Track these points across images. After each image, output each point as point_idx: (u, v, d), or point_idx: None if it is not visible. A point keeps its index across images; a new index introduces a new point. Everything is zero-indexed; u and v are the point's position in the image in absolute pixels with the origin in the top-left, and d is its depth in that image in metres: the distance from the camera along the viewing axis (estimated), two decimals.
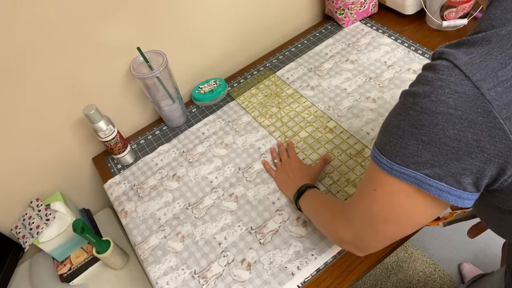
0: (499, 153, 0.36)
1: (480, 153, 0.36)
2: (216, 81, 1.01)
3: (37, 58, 0.76)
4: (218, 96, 0.99)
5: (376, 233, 0.48)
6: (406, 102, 0.40)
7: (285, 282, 0.68)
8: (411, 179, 0.40)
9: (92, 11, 0.76)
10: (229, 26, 1.01)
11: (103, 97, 0.90)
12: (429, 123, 0.37)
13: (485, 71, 0.35)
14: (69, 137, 0.92)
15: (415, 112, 0.38)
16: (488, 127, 0.35)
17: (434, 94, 0.37)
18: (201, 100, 1.00)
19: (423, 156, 0.39)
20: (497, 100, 0.34)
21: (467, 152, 0.36)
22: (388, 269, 1.33)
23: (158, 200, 0.84)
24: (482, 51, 0.36)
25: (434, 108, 0.37)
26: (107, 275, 0.90)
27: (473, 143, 0.36)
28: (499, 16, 0.37)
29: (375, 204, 0.46)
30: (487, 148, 0.36)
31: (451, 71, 0.36)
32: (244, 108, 0.97)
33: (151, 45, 0.87)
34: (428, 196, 0.41)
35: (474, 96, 0.35)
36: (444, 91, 0.36)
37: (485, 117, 0.35)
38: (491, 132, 0.35)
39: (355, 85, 0.95)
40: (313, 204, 0.67)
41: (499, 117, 0.34)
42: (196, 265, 0.73)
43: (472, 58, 0.36)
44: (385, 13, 1.12)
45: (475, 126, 0.35)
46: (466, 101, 0.35)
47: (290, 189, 0.75)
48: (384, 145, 0.43)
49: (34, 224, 0.87)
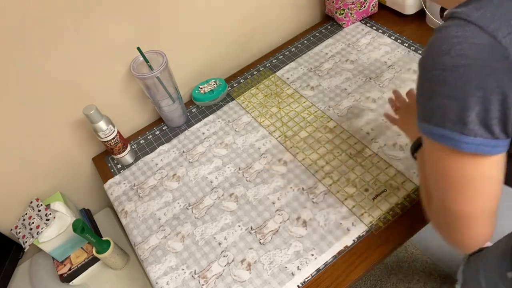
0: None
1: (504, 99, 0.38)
2: (216, 81, 1.01)
3: (37, 58, 0.76)
4: (218, 96, 0.99)
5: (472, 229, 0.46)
6: (426, 66, 0.41)
7: (285, 282, 0.68)
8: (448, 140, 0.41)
9: (92, 11, 0.76)
10: (229, 26, 1.00)
11: (103, 97, 0.90)
12: (453, 78, 0.39)
13: (498, 22, 0.37)
14: (69, 137, 0.92)
15: (437, 71, 0.40)
16: (507, 71, 0.37)
17: (453, 50, 0.38)
18: (201, 100, 1.00)
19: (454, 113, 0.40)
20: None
21: (492, 100, 0.38)
22: (388, 269, 1.33)
23: (158, 200, 0.84)
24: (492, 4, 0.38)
25: (455, 63, 0.38)
26: (107, 275, 0.90)
27: (496, 89, 0.37)
28: None
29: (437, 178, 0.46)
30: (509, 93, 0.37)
31: (465, 27, 0.38)
32: (244, 108, 0.97)
33: (151, 45, 0.87)
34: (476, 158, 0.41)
35: (491, 45, 0.37)
36: (462, 46, 0.38)
37: (504, 62, 0.37)
38: (510, 75, 0.37)
39: (355, 85, 0.95)
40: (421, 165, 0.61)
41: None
42: (196, 265, 0.73)
43: (483, 12, 0.37)
44: (385, 13, 1.12)
45: (496, 72, 0.37)
46: (484, 50, 0.37)
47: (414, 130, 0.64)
48: (421, 111, 0.44)
49: (34, 224, 0.87)
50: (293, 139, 0.88)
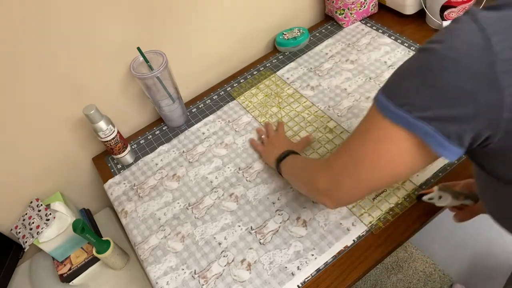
0: (489, 107, 0.37)
1: (472, 104, 0.37)
2: (300, 29, 1.07)
3: (37, 58, 0.76)
4: (300, 43, 1.07)
5: (356, 179, 0.49)
6: (422, 48, 0.41)
7: (285, 282, 0.68)
8: (402, 120, 0.41)
9: (92, 11, 0.76)
10: (229, 26, 1.01)
11: (103, 97, 0.90)
12: (438, 67, 0.39)
13: (497, 27, 0.36)
14: (69, 137, 0.92)
15: (428, 55, 0.40)
16: (486, 79, 0.36)
17: (450, 40, 0.38)
18: (284, 46, 1.07)
19: (419, 99, 0.40)
20: (502, 54, 0.35)
21: (461, 102, 0.38)
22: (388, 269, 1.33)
23: (158, 200, 0.84)
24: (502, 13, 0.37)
25: (446, 53, 0.38)
26: (107, 275, 0.90)
27: (469, 93, 0.37)
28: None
29: (362, 148, 0.47)
30: (479, 100, 0.37)
31: (469, 24, 0.38)
32: (244, 108, 0.97)
33: (151, 45, 0.87)
34: (416, 143, 0.42)
35: (483, 47, 0.36)
36: (458, 39, 0.38)
37: (488, 68, 0.36)
38: (487, 84, 0.36)
39: (355, 85, 0.95)
40: (294, 165, 0.70)
41: (498, 71, 0.36)
42: (196, 265, 0.73)
43: (491, 15, 0.37)
44: (385, 13, 1.12)
45: (477, 76, 0.36)
46: (475, 50, 0.36)
47: (273, 157, 0.78)
48: (388, 85, 0.44)
49: (34, 224, 0.86)
50: (293, 139, 0.88)
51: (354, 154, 0.48)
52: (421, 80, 0.40)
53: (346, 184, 0.51)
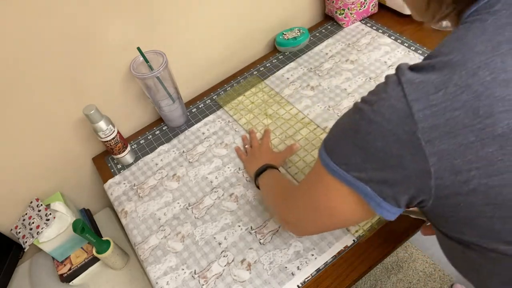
0: (417, 173, 0.37)
1: (401, 169, 0.38)
2: (300, 29, 1.08)
3: (37, 58, 0.76)
4: (300, 43, 1.07)
5: (314, 224, 0.53)
6: (356, 106, 0.42)
7: (285, 282, 0.68)
8: (342, 178, 0.42)
9: (92, 11, 0.76)
10: (230, 26, 1.00)
11: (103, 97, 0.90)
12: (365, 130, 0.39)
13: (420, 93, 0.36)
14: (69, 137, 0.92)
15: (358, 116, 0.40)
16: (410, 146, 0.36)
17: (376, 104, 0.38)
18: (284, 46, 1.07)
19: (353, 159, 0.41)
20: (423, 122, 0.35)
21: (390, 166, 0.38)
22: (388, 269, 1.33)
23: (158, 200, 0.84)
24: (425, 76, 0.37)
25: (372, 117, 0.38)
26: (107, 275, 0.90)
27: (397, 158, 0.37)
28: (449, 44, 0.38)
29: (314, 196, 0.49)
30: (407, 166, 0.37)
31: (396, 86, 0.38)
32: (245, 108, 0.97)
33: (151, 45, 0.87)
34: (358, 198, 0.43)
35: (405, 114, 0.36)
36: (384, 103, 0.38)
37: (410, 136, 0.36)
38: (412, 151, 0.36)
39: (355, 85, 0.95)
40: (269, 182, 0.71)
41: (421, 139, 0.36)
42: (196, 265, 0.73)
43: (414, 79, 0.37)
44: (385, 13, 1.12)
45: (400, 142, 0.37)
46: (398, 117, 0.37)
47: (252, 170, 0.79)
48: (328, 141, 0.45)
49: (34, 224, 0.87)
50: (288, 142, 0.88)
51: (309, 201, 0.51)
52: (352, 141, 0.41)
53: (306, 225, 0.55)
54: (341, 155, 0.42)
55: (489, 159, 0.34)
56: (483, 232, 0.39)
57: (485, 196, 0.36)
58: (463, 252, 0.43)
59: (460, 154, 0.35)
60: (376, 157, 0.39)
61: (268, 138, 0.87)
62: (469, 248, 0.42)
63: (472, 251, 0.42)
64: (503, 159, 0.34)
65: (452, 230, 0.42)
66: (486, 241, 0.39)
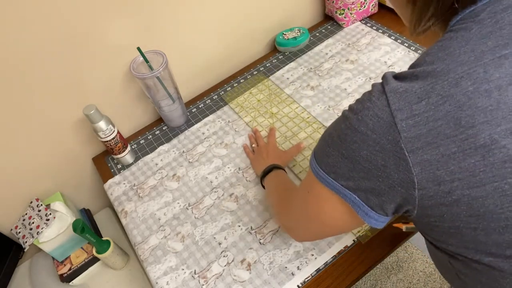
0: (401, 183, 0.37)
1: (386, 178, 0.38)
2: (300, 29, 1.08)
3: (37, 58, 0.76)
4: (300, 43, 1.06)
5: (309, 231, 0.54)
6: (344, 114, 0.42)
7: (285, 282, 0.68)
8: (331, 187, 0.43)
9: (92, 11, 0.76)
10: (230, 26, 1.00)
11: (103, 97, 0.90)
12: (350, 139, 0.39)
13: (403, 103, 0.36)
14: (69, 137, 0.92)
15: (344, 125, 0.41)
16: (394, 156, 0.36)
17: (361, 113, 0.38)
18: (284, 46, 1.07)
19: (341, 168, 0.41)
20: (406, 132, 0.35)
21: (375, 175, 0.38)
22: (388, 269, 1.33)
23: (158, 200, 0.84)
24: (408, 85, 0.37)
25: (357, 126, 0.39)
26: (107, 275, 0.90)
27: (381, 167, 0.38)
28: (433, 53, 0.38)
29: (307, 204, 0.50)
30: (392, 175, 0.37)
31: (380, 95, 0.38)
32: (244, 108, 0.97)
33: (151, 45, 0.87)
34: (347, 207, 0.43)
35: (389, 124, 0.36)
36: (368, 113, 0.38)
37: (393, 145, 0.36)
38: (396, 161, 0.36)
39: (355, 85, 0.95)
40: (273, 184, 0.71)
41: (404, 149, 0.36)
42: (196, 265, 0.73)
43: (398, 88, 0.37)
44: (385, 13, 1.12)
45: (384, 152, 0.37)
46: (382, 127, 0.37)
47: (261, 169, 0.79)
48: (317, 149, 0.46)
49: (34, 224, 0.86)
50: (293, 140, 0.88)
51: (304, 210, 0.51)
52: (338, 150, 0.41)
53: (302, 232, 0.56)
54: (330, 164, 0.42)
55: (471, 170, 0.34)
56: (467, 243, 0.39)
57: (468, 207, 0.36)
58: (449, 261, 0.44)
59: (443, 164, 0.35)
60: (362, 166, 0.39)
61: (273, 137, 0.88)
62: (454, 258, 0.42)
63: (457, 261, 0.42)
64: (485, 170, 0.34)
65: (438, 240, 0.42)
66: (471, 252, 0.39)
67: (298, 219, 0.54)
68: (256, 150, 0.86)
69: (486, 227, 0.36)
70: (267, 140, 0.87)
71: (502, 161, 0.33)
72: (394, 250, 0.70)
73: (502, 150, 0.33)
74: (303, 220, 0.53)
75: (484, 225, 0.36)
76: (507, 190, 0.34)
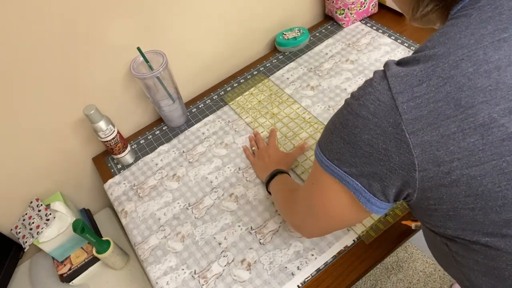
0: (402, 165, 0.38)
1: (387, 162, 0.38)
2: (300, 29, 1.08)
3: (37, 58, 0.76)
4: (300, 43, 1.06)
5: (316, 226, 0.54)
6: (346, 101, 0.42)
7: (285, 282, 0.68)
8: (335, 174, 0.43)
9: (92, 11, 0.76)
10: (230, 26, 1.00)
11: (103, 97, 0.90)
12: (352, 124, 0.40)
13: (404, 85, 0.37)
14: (69, 137, 0.92)
15: (346, 111, 0.41)
16: (395, 138, 0.37)
17: (363, 98, 0.39)
18: (284, 46, 1.07)
19: (344, 154, 0.42)
20: (407, 114, 0.36)
21: (377, 159, 0.39)
22: (388, 269, 1.33)
23: (158, 200, 0.84)
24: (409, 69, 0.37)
25: (358, 111, 0.39)
26: (107, 275, 0.90)
27: (383, 151, 0.38)
28: (434, 38, 0.38)
29: (312, 197, 0.50)
30: (393, 158, 0.38)
31: (381, 80, 0.38)
32: (243, 108, 0.97)
33: (151, 45, 0.87)
34: (350, 196, 0.43)
35: (390, 107, 0.37)
36: (370, 97, 0.39)
37: (394, 128, 0.37)
38: (397, 143, 0.37)
39: (355, 85, 0.95)
40: (279, 188, 0.71)
41: (405, 131, 0.36)
42: (196, 265, 0.73)
43: (399, 72, 0.38)
44: (385, 13, 1.12)
45: (386, 135, 0.37)
46: (383, 110, 0.37)
47: (265, 174, 0.78)
48: (321, 138, 0.46)
49: (34, 224, 0.86)
50: (294, 140, 0.88)
51: (309, 204, 0.52)
52: (341, 136, 0.41)
53: (310, 228, 0.57)
54: (333, 150, 0.43)
55: (470, 149, 0.35)
56: (465, 224, 0.39)
57: (467, 187, 0.36)
58: (446, 245, 0.44)
59: (443, 145, 0.35)
60: (364, 150, 0.39)
61: (274, 138, 0.87)
62: (452, 241, 0.43)
63: (455, 244, 0.42)
64: (484, 148, 0.34)
65: (436, 224, 0.43)
66: (469, 234, 0.40)
67: (305, 215, 0.54)
68: (256, 152, 0.86)
69: (484, 206, 0.37)
70: (268, 141, 0.87)
71: (500, 139, 0.34)
72: (394, 250, 0.70)
73: (501, 128, 0.34)
74: (309, 214, 0.53)
75: (482, 204, 0.37)
76: (505, 168, 0.35)
